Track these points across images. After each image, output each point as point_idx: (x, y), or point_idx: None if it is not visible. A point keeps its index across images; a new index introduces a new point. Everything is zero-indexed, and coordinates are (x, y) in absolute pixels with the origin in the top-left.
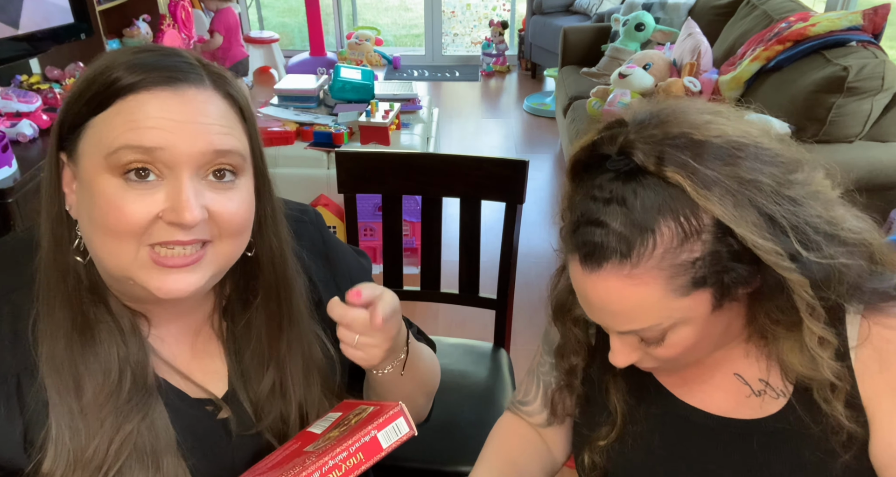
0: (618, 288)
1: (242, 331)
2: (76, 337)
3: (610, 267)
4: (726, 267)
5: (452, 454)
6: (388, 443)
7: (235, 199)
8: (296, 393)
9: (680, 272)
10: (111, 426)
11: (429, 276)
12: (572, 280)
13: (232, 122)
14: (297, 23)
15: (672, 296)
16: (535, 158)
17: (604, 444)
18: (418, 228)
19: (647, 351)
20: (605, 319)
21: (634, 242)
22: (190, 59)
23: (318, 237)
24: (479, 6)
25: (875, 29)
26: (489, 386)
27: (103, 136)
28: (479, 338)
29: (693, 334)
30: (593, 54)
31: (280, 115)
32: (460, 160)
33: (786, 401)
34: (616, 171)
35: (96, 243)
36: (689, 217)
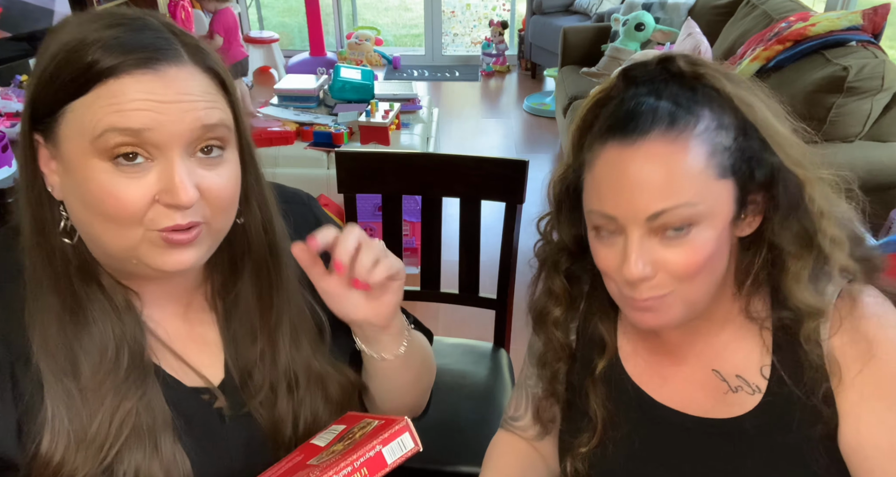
0: (665, 152)
1: (233, 299)
2: (68, 318)
3: (656, 133)
4: (751, 162)
5: (452, 454)
6: (393, 458)
7: (224, 173)
8: (284, 360)
9: (717, 151)
10: (111, 404)
11: (429, 276)
12: (601, 168)
13: (215, 95)
14: (297, 23)
15: (709, 173)
16: (535, 158)
17: (585, 450)
18: (418, 228)
19: (664, 261)
20: (639, 199)
21: (680, 115)
22: (164, 33)
23: (311, 216)
24: (479, 6)
25: (875, 29)
26: (489, 386)
27: (85, 120)
28: (479, 338)
29: (712, 239)
30: (593, 54)
31: (280, 115)
32: (460, 160)
33: (760, 396)
34: (652, 78)
35: (97, 227)
36: (722, 113)
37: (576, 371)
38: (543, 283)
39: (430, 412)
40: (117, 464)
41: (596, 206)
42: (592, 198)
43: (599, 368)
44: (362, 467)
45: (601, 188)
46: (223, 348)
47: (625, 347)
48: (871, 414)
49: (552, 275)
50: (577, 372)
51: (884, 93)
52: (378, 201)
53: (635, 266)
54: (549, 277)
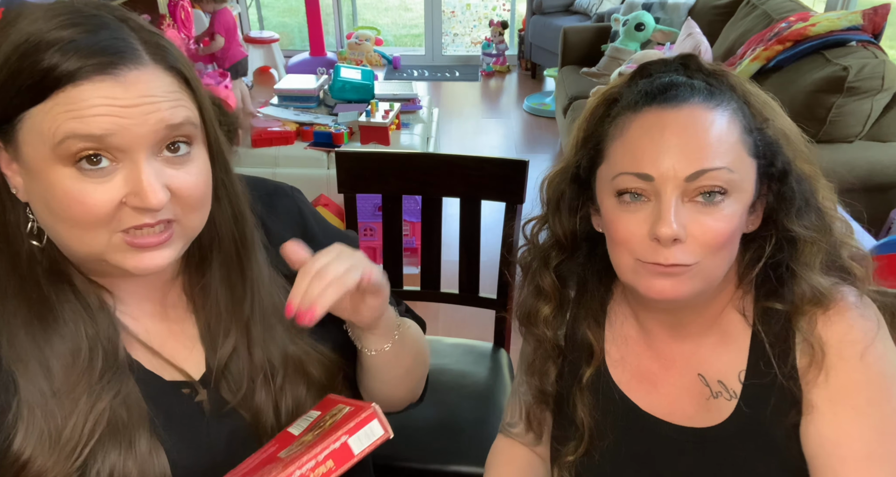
0: (707, 116)
1: (204, 291)
2: (37, 324)
3: (697, 100)
4: (770, 150)
5: (452, 454)
6: (361, 448)
7: (193, 171)
8: (259, 351)
9: (748, 130)
10: (86, 405)
11: (429, 276)
12: (637, 130)
13: (179, 93)
14: (297, 23)
15: (743, 146)
16: (535, 158)
17: (572, 459)
18: (418, 228)
19: (695, 226)
20: (679, 159)
21: (715, 92)
22: (122, 32)
23: (296, 210)
24: (479, 6)
25: (875, 29)
26: (489, 386)
27: (45, 127)
28: (479, 338)
29: (738, 214)
30: (593, 54)
31: (280, 115)
32: (460, 160)
33: (735, 402)
34: (674, 71)
35: (63, 233)
36: (744, 105)
37: (564, 379)
38: (531, 283)
39: (430, 412)
40: (91, 462)
41: (630, 167)
42: (625, 161)
43: (587, 377)
44: (327, 460)
45: (637, 149)
46: (201, 342)
47: (613, 355)
48: (839, 416)
49: (542, 271)
50: (565, 380)
51: (884, 93)
52: (378, 201)
53: (672, 224)
54: (538, 275)
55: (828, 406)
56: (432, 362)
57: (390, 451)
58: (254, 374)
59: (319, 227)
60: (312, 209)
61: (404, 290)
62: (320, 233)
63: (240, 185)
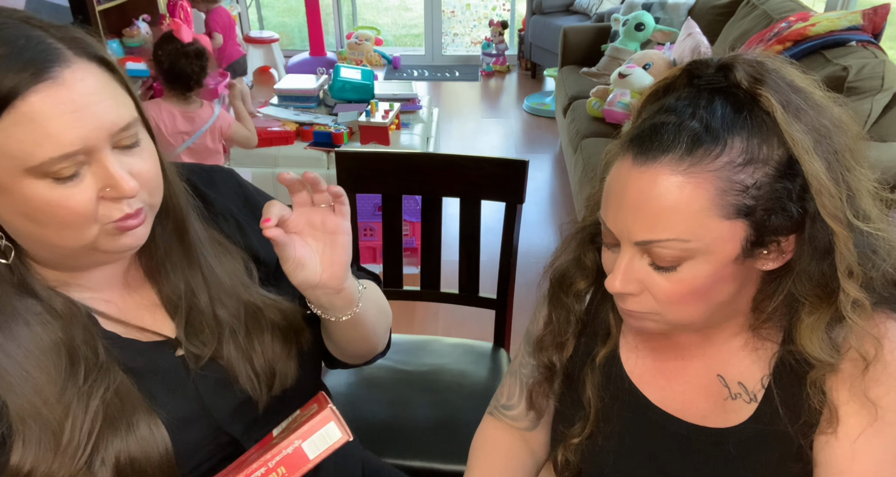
0: (667, 183)
1: (154, 260)
2: (10, 344)
3: (668, 159)
4: (776, 206)
5: (452, 454)
6: (316, 452)
7: (146, 156)
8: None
9: (732, 190)
10: (78, 407)
11: (429, 276)
12: (611, 179)
13: (112, 87)
14: (297, 23)
15: (713, 212)
16: (534, 158)
17: (577, 441)
18: (418, 228)
19: (650, 283)
20: (631, 223)
21: (703, 142)
22: (39, 36)
23: (234, 182)
24: (479, 6)
25: (875, 29)
26: (489, 386)
27: (12, 148)
28: (479, 338)
29: (705, 275)
30: (593, 54)
31: (280, 115)
32: (460, 160)
33: (756, 406)
34: (706, 85)
35: (50, 236)
36: (762, 143)
37: (577, 356)
38: (575, 250)
39: (430, 412)
40: (95, 455)
41: (602, 213)
42: (602, 204)
43: (600, 356)
44: (279, 466)
45: (607, 199)
46: (164, 307)
47: (626, 344)
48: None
49: (585, 247)
50: (578, 357)
51: (884, 93)
52: (378, 201)
53: (616, 282)
54: (581, 248)
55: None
56: (433, 362)
57: (390, 450)
58: (219, 328)
59: (258, 194)
60: (245, 181)
61: (404, 290)
62: (260, 199)
63: (162, 153)
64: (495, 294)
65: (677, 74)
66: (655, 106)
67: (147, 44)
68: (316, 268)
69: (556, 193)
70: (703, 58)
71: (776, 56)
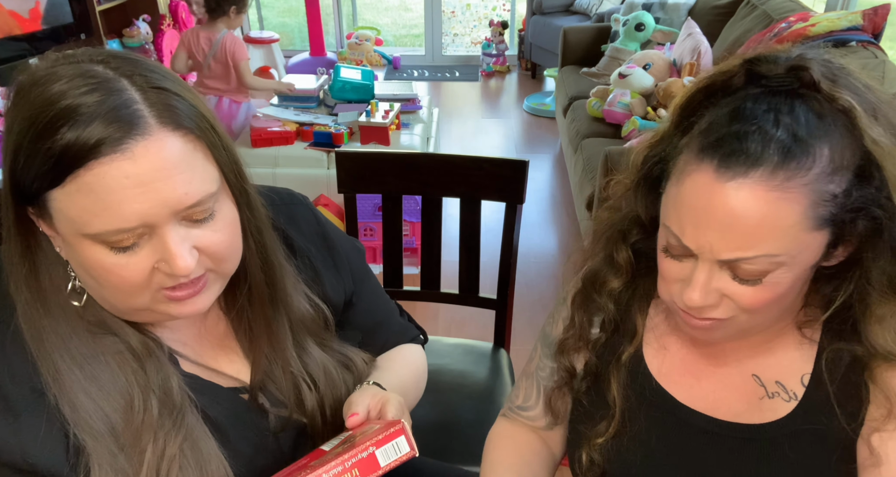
0: (759, 201)
1: (239, 315)
2: (89, 384)
3: (760, 174)
4: (859, 211)
5: (452, 454)
6: (387, 461)
7: (218, 226)
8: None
9: (822, 201)
10: (153, 454)
11: (429, 276)
12: (688, 194)
13: (191, 160)
14: (297, 23)
15: (804, 225)
16: (535, 158)
17: (602, 441)
18: (418, 228)
19: (731, 292)
20: (717, 241)
21: (794, 154)
22: (130, 100)
23: (313, 219)
24: (479, 6)
25: (875, 29)
26: (489, 386)
27: (71, 213)
28: (479, 338)
29: (788, 282)
30: (593, 54)
31: (280, 115)
32: (460, 160)
33: (795, 404)
34: (777, 86)
35: (106, 295)
36: (846, 149)
37: (604, 356)
38: (604, 250)
39: (430, 412)
40: None
41: (674, 228)
42: (671, 217)
43: (626, 355)
44: (353, 468)
45: (682, 214)
46: (244, 357)
47: (652, 343)
48: None
49: (619, 245)
50: (604, 357)
51: None
52: (378, 201)
53: (696, 296)
54: (615, 247)
55: (892, 452)
56: (432, 362)
57: None
58: (297, 384)
59: (334, 233)
60: (320, 212)
61: (404, 290)
62: (336, 239)
63: (262, 211)
64: (495, 294)
65: (734, 72)
66: (723, 110)
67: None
68: None
69: (556, 193)
70: (764, 54)
71: (830, 49)
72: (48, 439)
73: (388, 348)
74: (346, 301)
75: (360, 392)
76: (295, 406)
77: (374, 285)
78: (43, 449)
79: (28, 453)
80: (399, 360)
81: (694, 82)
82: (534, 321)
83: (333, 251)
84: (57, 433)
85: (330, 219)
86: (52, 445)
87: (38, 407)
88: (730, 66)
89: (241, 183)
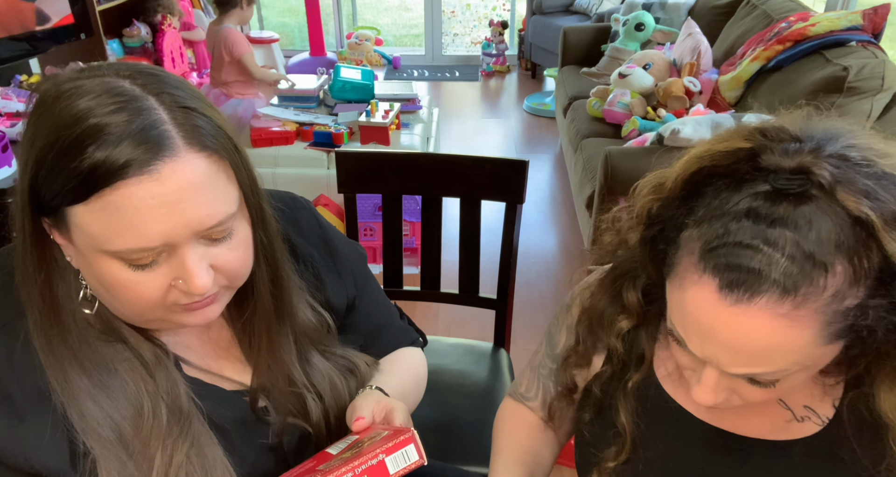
0: (767, 328)
1: (245, 328)
2: (98, 392)
3: (765, 302)
4: (878, 320)
5: (452, 454)
6: (396, 469)
7: (234, 244)
8: (300, 377)
9: (838, 319)
10: (162, 461)
11: (429, 276)
12: (690, 306)
13: (215, 181)
14: (297, 23)
15: (819, 342)
16: (535, 158)
17: (613, 465)
18: (418, 228)
19: (742, 391)
20: (724, 357)
21: (805, 277)
22: (158, 120)
23: (315, 223)
24: (479, 6)
25: (875, 29)
26: (489, 386)
27: (93, 230)
28: (479, 338)
29: (801, 381)
30: (593, 54)
31: (280, 115)
32: (460, 160)
33: (825, 425)
34: (783, 189)
35: (119, 307)
36: (862, 257)
37: (609, 385)
38: (610, 288)
39: (430, 412)
40: None
41: (680, 332)
42: (676, 319)
43: (632, 382)
44: (363, 475)
45: (686, 323)
46: (248, 363)
47: (662, 365)
48: None
49: (628, 287)
50: (610, 385)
51: (884, 93)
52: (378, 201)
53: (709, 397)
54: (623, 287)
55: None
56: (432, 362)
57: None
58: (301, 397)
59: (336, 237)
60: (325, 219)
61: (404, 290)
62: (338, 244)
63: (275, 226)
64: (495, 294)
65: (739, 155)
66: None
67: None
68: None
69: (556, 193)
70: (772, 129)
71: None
72: (52, 443)
73: (388, 352)
74: (349, 305)
75: (364, 396)
76: (300, 417)
77: (376, 289)
78: (46, 452)
79: (31, 457)
80: (400, 363)
81: (696, 157)
82: (534, 321)
83: (336, 256)
84: (61, 437)
85: (330, 219)
86: (55, 449)
87: (44, 410)
88: (733, 148)
89: (259, 201)
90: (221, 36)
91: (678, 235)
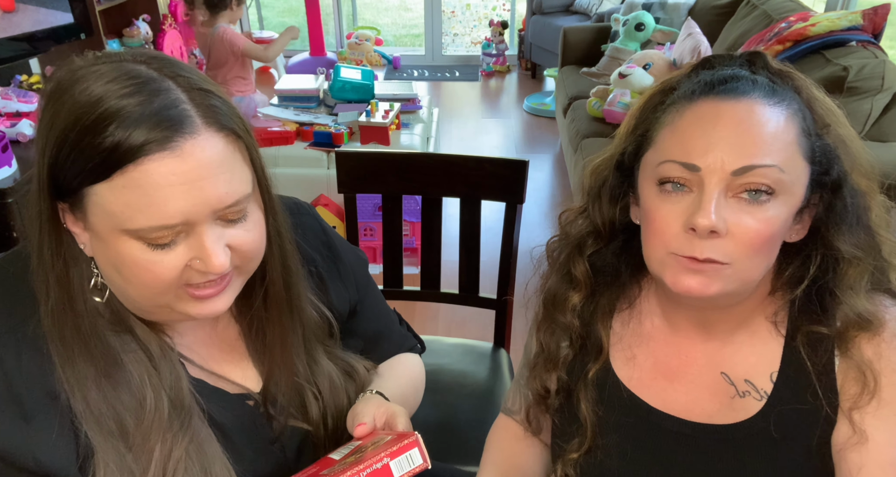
0: (764, 111)
1: (252, 322)
2: (105, 380)
3: (756, 96)
4: (827, 158)
5: (452, 454)
6: (401, 472)
7: (249, 226)
8: (305, 373)
9: (806, 133)
10: (160, 456)
11: (429, 276)
12: (691, 119)
13: (232, 161)
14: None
15: (798, 149)
16: (534, 158)
17: (575, 456)
18: (418, 228)
19: (734, 222)
20: (729, 151)
21: (778, 89)
22: (177, 100)
23: (319, 228)
24: (479, 6)
25: (875, 29)
26: (489, 386)
27: (114, 208)
28: (479, 338)
29: (782, 219)
30: (593, 54)
31: (280, 115)
32: (460, 160)
33: (765, 402)
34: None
35: (130, 291)
36: (805, 109)
37: (573, 374)
38: (560, 271)
39: (430, 412)
40: None
41: (677, 155)
42: (673, 148)
43: (592, 372)
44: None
45: (686, 138)
46: (252, 364)
47: (620, 354)
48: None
49: (576, 259)
50: (574, 374)
51: (884, 93)
52: (378, 201)
53: (712, 215)
54: (572, 262)
55: (874, 429)
56: (432, 362)
57: None
58: (302, 392)
59: (339, 243)
60: (328, 225)
61: (404, 290)
62: (341, 249)
63: (283, 218)
64: (495, 294)
65: (689, 68)
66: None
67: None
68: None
69: (556, 193)
70: (722, 54)
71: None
72: (59, 442)
73: (387, 357)
74: (351, 310)
75: (365, 402)
76: (299, 414)
77: (377, 295)
78: (53, 452)
79: (39, 457)
80: (399, 369)
81: (648, 90)
82: None
83: (339, 261)
84: (67, 436)
85: (330, 219)
86: (62, 448)
87: (51, 410)
88: (683, 70)
89: (269, 186)
90: (218, 35)
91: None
